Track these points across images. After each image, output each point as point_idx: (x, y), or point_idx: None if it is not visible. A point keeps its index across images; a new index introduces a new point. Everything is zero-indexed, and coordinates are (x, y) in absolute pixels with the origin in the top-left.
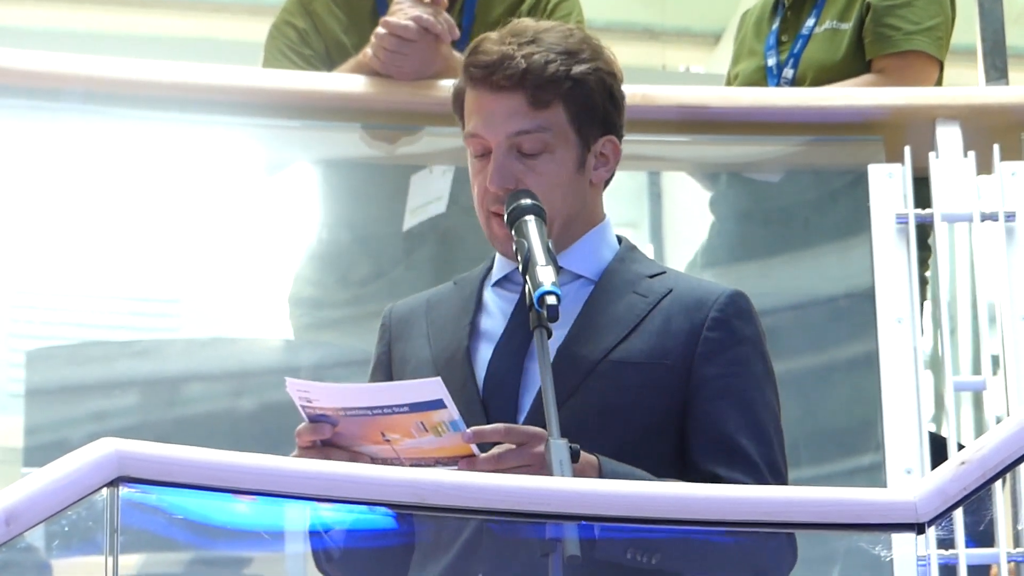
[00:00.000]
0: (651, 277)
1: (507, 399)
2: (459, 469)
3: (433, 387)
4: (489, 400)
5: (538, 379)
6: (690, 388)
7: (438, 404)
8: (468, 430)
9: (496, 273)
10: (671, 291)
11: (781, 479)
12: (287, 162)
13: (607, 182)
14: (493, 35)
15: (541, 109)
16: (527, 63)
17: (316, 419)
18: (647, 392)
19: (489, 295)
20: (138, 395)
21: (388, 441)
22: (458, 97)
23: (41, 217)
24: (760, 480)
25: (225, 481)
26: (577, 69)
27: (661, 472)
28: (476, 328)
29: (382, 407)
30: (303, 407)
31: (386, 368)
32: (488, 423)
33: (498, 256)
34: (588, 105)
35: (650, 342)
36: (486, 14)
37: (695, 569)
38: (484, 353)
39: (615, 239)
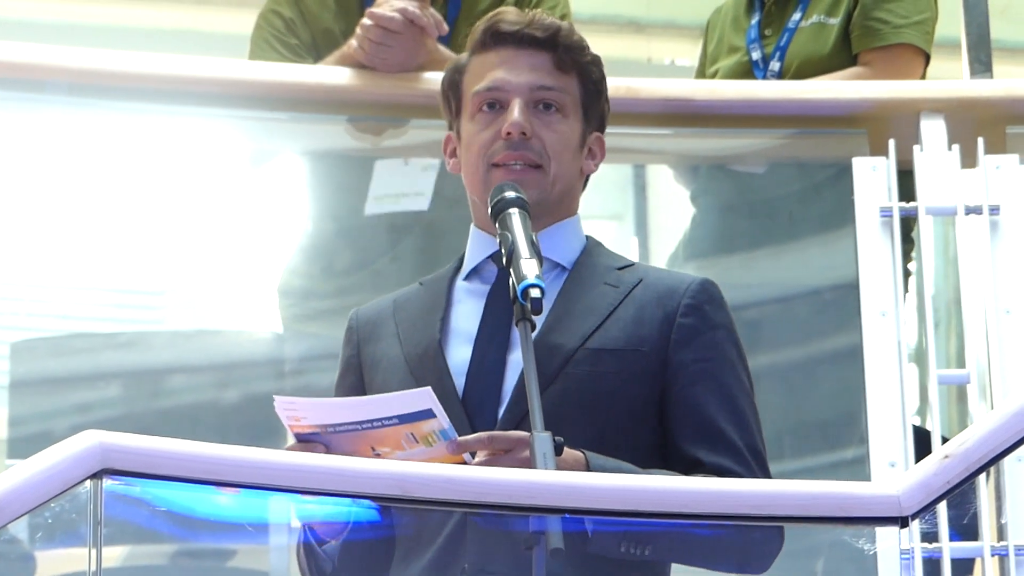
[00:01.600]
0: (620, 269)
1: (488, 391)
2: None
3: (422, 397)
4: (470, 393)
5: (517, 369)
6: (667, 375)
7: (428, 414)
8: (452, 440)
9: (466, 267)
10: (641, 281)
11: (761, 460)
12: (272, 154)
13: (586, 182)
14: (511, 8)
15: (562, 73)
16: (557, 25)
17: (304, 439)
18: (625, 378)
19: (459, 290)
20: (122, 387)
21: (379, 455)
22: (457, 72)
23: (25, 209)
24: (742, 462)
25: (209, 473)
26: (591, 53)
27: (645, 459)
28: (447, 324)
29: (371, 420)
30: (291, 426)
31: (356, 371)
32: (468, 417)
33: (468, 249)
34: (597, 89)
35: (626, 330)
36: (472, 6)
37: (685, 559)
38: (456, 348)
39: (583, 234)
